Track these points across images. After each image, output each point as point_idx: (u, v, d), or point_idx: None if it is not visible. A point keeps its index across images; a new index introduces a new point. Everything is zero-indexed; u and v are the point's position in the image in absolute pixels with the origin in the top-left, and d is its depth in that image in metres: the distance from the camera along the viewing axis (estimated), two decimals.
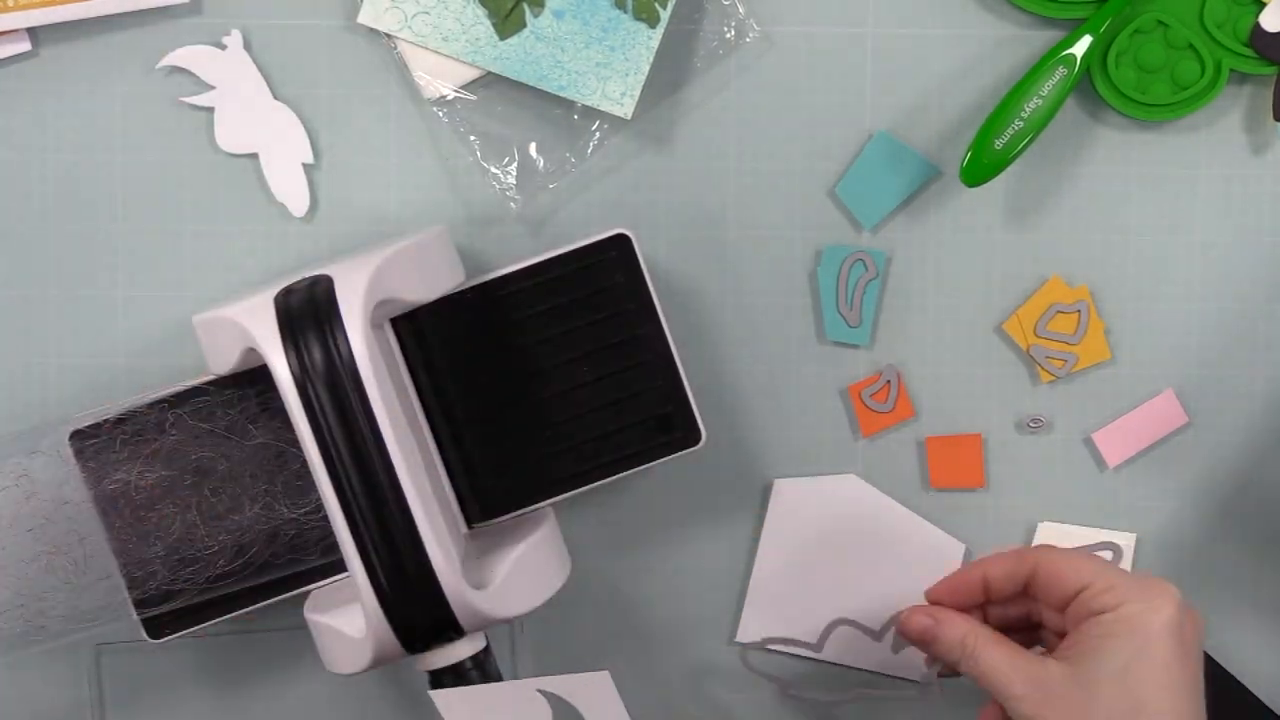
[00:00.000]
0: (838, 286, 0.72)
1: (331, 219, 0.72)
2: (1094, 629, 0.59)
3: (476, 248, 0.72)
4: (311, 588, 0.67)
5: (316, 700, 0.74)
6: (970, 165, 0.69)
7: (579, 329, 0.66)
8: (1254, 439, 0.74)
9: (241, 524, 0.67)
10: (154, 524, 0.66)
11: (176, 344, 0.72)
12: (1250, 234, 0.73)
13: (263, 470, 0.67)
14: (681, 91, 0.72)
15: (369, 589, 0.59)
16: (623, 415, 0.66)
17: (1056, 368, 0.73)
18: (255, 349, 0.60)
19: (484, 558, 0.63)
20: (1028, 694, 0.59)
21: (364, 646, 0.61)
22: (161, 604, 0.67)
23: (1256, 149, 0.73)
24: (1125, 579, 0.61)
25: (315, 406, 0.58)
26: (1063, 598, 0.61)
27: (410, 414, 0.64)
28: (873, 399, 0.73)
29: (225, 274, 0.72)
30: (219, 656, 0.74)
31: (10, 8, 0.69)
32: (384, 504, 0.59)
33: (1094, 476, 0.74)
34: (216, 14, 0.70)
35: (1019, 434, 0.74)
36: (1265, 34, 0.69)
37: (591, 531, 0.74)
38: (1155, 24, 0.70)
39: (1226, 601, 0.75)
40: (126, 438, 0.66)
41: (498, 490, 0.67)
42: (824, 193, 0.72)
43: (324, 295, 0.59)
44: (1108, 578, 0.60)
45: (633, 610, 0.75)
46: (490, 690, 0.61)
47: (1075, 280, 0.73)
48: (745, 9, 0.71)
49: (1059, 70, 0.68)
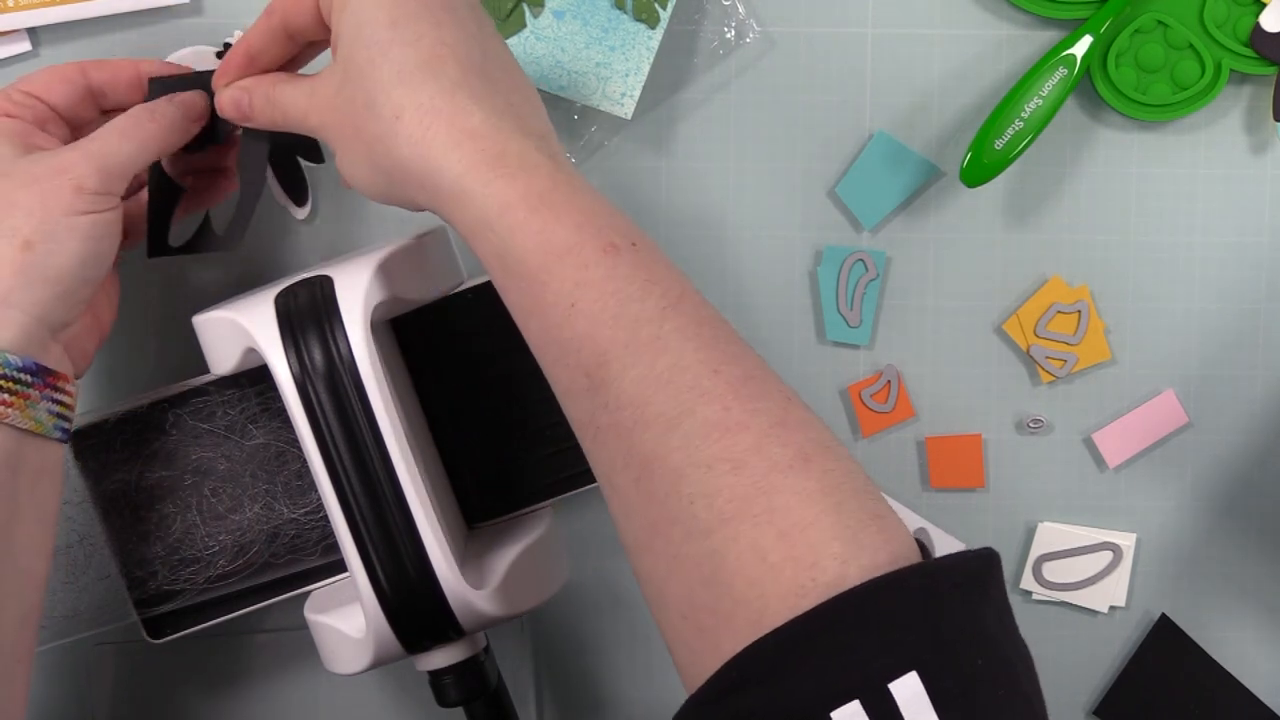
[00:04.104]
0: (838, 286, 0.72)
1: (331, 219, 0.72)
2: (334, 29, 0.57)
3: None
4: (311, 588, 0.67)
5: (316, 700, 0.74)
6: (970, 165, 0.69)
7: None
8: (1254, 439, 0.74)
9: (241, 524, 0.67)
10: (154, 524, 0.66)
11: (176, 344, 0.72)
12: (1250, 234, 0.73)
13: (263, 470, 0.67)
14: (681, 91, 0.72)
15: (369, 589, 0.59)
16: None
17: (1056, 368, 0.73)
18: (255, 349, 0.60)
19: (484, 558, 0.63)
20: (309, 104, 0.58)
21: (364, 646, 0.61)
22: (161, 604, 0.67)
23: (1256, 149, 0.73)
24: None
25: (315, 406, 0.58)
26: (314, 18, 0.59)
27: (410, 414, 0.64)
28: (873, 399, 0.73)
29: (225, 274, 0.72)
30: (219, 656, 0.74)
31: (10, 8, 0.69)
32: (384, 504, 0.59)
33: (1094, 476, 0.74)
34: (217, 14, 0.70)
35: (1019, 434, 0.74)
36: (1265, 34, 0.69)
37: (591, 531, 0.74)
38: (1155, 24, 0.70)
39: (1226, 601, 0.75)
40: (126, 438, 0.66)
41: (498, 490, 0.67)
42: (824, 193, 0.72)
43: (324, 295, 0.59)
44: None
45: (633, 610, 0.75)
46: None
47: (1075, 280, 0.73)
48: (745, 9, 0.71)
49: (1059, 70, 0.68)
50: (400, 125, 0.53)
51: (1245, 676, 0.74)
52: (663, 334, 0.50)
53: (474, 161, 0.52)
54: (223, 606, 0.67)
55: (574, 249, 0.51)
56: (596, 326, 0.50)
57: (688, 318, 0.51)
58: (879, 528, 0.47)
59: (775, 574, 0.46)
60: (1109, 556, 0.74)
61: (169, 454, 0.67)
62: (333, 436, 0.58)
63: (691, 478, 0.48)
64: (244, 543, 0.67)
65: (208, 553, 0.67)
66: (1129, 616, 0.75)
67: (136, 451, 0.66)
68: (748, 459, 0.48)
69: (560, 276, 0.51)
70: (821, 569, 0.46)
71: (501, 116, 0.54)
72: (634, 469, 0.50)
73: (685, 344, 0.50)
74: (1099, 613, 0.75)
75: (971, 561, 0.48)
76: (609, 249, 0.51)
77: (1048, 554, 0.74)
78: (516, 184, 0.52)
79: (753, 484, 0.47)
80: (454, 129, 0.53)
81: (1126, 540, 0.74)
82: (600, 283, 0.51)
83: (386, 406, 0.59)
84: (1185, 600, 0.75)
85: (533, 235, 0.52)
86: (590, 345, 0.51)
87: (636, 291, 0.51)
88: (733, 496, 0.47)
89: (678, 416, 0.49)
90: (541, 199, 0.52)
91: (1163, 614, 0.75)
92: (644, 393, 0.49)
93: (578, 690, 0.75)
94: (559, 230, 0.51)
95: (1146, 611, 0.75)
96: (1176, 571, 0.75)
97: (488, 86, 0.54)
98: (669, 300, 0.51)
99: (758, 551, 0.47)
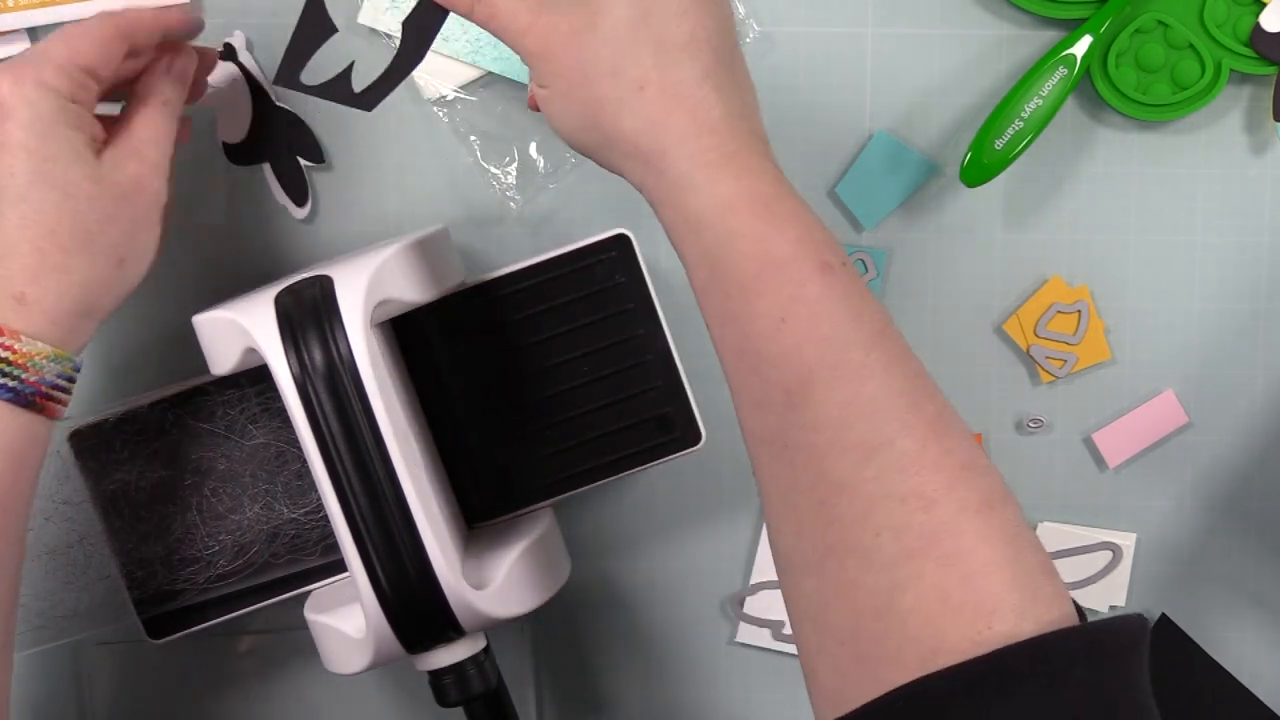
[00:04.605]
0: None
1: (331, 219, 0.72)
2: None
3: (476, 248, 0.72)
4: (311, 588, 0.67)
5: (316, 700, 0.74)
6: (970, 165, 0.69)
7: (579, 329, 0.66)
8: (1254, 439, 0.74)
9: (241, 524, 0.67)
10: (154, 524, 0.66)
11: (176, 344, 0.72)
12: (1250, 234, 0.73)
13: (263, 470, 0.67)
14: None
15: (369, 589, 0.59)
16: (623, 415, 0.66)
17: (1056, 368, 0.73)
18: (255, 349, 0.60)
19: (484, 558, 0.63)
20: (531, 24, 0.54)
21: (364, 646, 0.61)
22: (161, 604, 0.67)
23: (1256, 149, 0.73)
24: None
25: (315, 406, 0.58)
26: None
27: (410, 414, 0.64)
28: None
29: (225, 274, 0.72)
30: (219, 656, 0.74)
31: (10, 8, 0.69)
32: (384, 504, 0.59)
33: (1094, 476, 0.74)
34: (217, 14, 0.70)
35: (1019, 434, 0.74)
36: (1265, 34, 0.69)
37: (591, 531, 0.74)
38: (1155, 24, 0.70)
39: (1226, 601, 0.75)
40: (126, 438, 0.66)
41: (498, 490, 0.67)
42: (824, 193, 0.72)
43: (324, 295, 0.59)
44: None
45: (633, 610, 0.75)
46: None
47: (1075, 280, 0.73)
48: (745, 9, 0.71)
49: (1059, 70, 0.68)
50: (642, 99, 0.52)
51: (1245, 677, 0.74)
52: (870, 361, 0.49)
53: (708, 157, 0.52)
54: (223, 606, 0.67)
55: (792, 262, 0.50)
56: (805, 344, 0.50)
57: (892, 348, 0.50)
58: (1050, 583, 0.48)
59: (954, 616, 0.46)
60: (1109, 556, 0.74)
61: (169, 454, 0.67)
62: (333, 436, 0.58)
63: (883, 509, 0.48)
64: (244, 543, 0.67)
65: (208, 553, 0.67)
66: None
67: (136, 451, 0.66)
68: (939, 497, 0.48)
69: (775, 289, 0.50)
70: (1000, 617, 0.46)
71: (738, 114, 0.53)
72: (820, 491, 0.49)
73: (890, 374, 0.49)
74: (1099, 613, 0.75)
75: (1132, 628, 0.48)
76: (825, 267, 0.50)
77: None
78: (742, 186, 0.51)
79: (941, 524, 0.47)
80: (696, 119, 0.52)
81: (1126, 540, 0.74)
82: (815, 301, 0.50)
83: (386, 406, 0.59)
84: (1185, 600, 0.75)
85: (753, 242, 0.51)
86: (796, 363, 0.50)
87: (847, 315, 0.50)
88: (921, 534, 0.47)
89: (877, 446, 0.48)
90: (766, 205, 0.51)
91: (1163, 614, 0.75)
92: (846, 418, 0.49)
93: (578, 690, 0.75)
94: (779, 241, 0.50)
95: (1146, 611, 0.75)
96: (1176, 571, 0.75)
97: (730, 80, 0.53)
98: (876, 327, 0.50)
99: (940, 592, 0.47)
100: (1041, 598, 0.47)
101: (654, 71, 0.52)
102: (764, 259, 0.50)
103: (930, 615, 0.47)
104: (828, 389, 0.49)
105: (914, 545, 0.47)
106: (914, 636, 0.47)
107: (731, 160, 0.52)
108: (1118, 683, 0.46)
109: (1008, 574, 0.47)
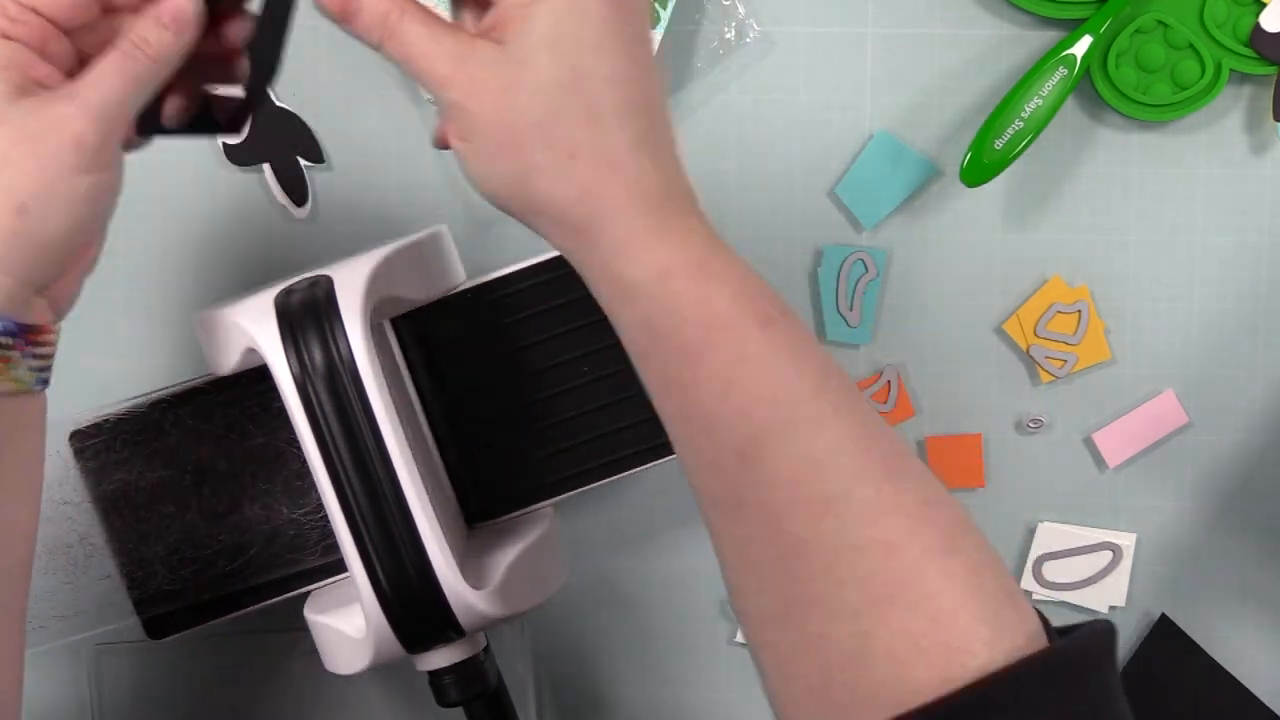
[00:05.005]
0: (838, 286, 0.72)
1: (331, 219, 0.72)
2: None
3: (476, 248, 0.72)
4: (311, 588, 0.67)
5: (316, 700, 0.74)
6: (970, 165, 0.69)
7: (579, 329, 0.66)
8: (1254, 439, 0.74)
9: (241, 524, 0.67)
10: (154, 524, 0.66)
11: (176, 344, 0.72)
12: (1250, 234, 0.73)
13: (263, 470, 0.67)
14: (681, 92, 0.72)
15: (369, 589, 0.59)
16: (622, 416, 0.66)
17: (1056, 368, 0.73)
18: (255, 349, 0.60)
19: (484, 558, 0.63)
20: (453, 75, 0.50)
21: (364, 646, 0.61)
22: (161, 604, 0.67)
23: (1256, 149, 0.73)
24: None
25: (315, 406, 0.58)
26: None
27: (410, 414, 0.64)
28: (872, 399, 0.73)
29: (225, 274, 0.72)
30: (219, 656, 0.74)
31: None
32: (384, 504, 0.59)
33: (1094, 476, 0.74)
34: None
35: (1019, 434, 0.74)
36: (1265, 34, 0.69)
37: (591, 531, 0.74)
38: (1155, 24, 0.70)
39: (1226, 601, 0.75)
40: (126, 438, 0.66)
41: (498, 490, 0.67)
42: (824, 193, 0.72)
43: (324, 295, 0.59)
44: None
45: (633, 610, 0.75)
46: None
47: (1075, 280, 0.73)
48: (745, 9, 0.71)
49: (1059, 70, 0.68)
50: (574, 167, 0.49)
51: (1245, 676, 0.74)
52: (819, 411, 0.48)
53: (644, 223, 0.49)
54: (223, 606, 0.67)
55: (732, 322, 0.49)
56: (754, 406, 0.48)
57: (836, 392, 0.49)
58: (1013, 606, 0.48)
59: (925, 658, 0.46)
60: (1109, 556, 0.74)
61: (169, 454, 0.66)
62: (333, 436, 0.58)
63: (845, 560, 0.47)
64: (244, 543, 0.67)
65: (208, 553, 0.67)
66: (1129, 616, 0.75)
67: (136, 451, 0.66)
68: (901, 542, 0.47)
69: (718, 352, 0.49)
70: (972, 654, 0.46)
71: (672, 177, 0.51)
72: (779, 547, 0.48)
73: (839, 420, 0.49)
74: (1099, 613, 0.75)
75: (1100, 638, 0.48)
76: (765, 321, 0.49)
77: (1048, 554, 0.74)
78: (678, 251, 0.49)
79: (905, 568, 0.47)
80: (630, 189, 0.49)
81: (1126, 540, 0.74)
82: (759, 359, 0.49)
83: (386, 406, 0.58)
84: (1185, 600, 0.75)
85: (691, 305, 0.49)
86: (745, 424, 0.49)
87: (793, 367, 0.49)
88: (886, 581, 0.47)
89: (832, 498, 0.48)
90: (700, 266, 0.49)
91: (1163, 614, 0.75)
92: (800, 474, 0.48)
93: (578, 690, 0.75)
94: (718, 301, 0.49)
95: (1146, 611, 0.75)
96: (1176, 571, 0.75)
97: (662, 140, 0.51)
98: (820, 374, 0.49)
99: (910, 637, 0.47)
100: (1009, 625, 0.47)
101: (586, 139, 0.49)
102: (704, 322, 0.49)
103: (901, 660, 0.47)
104: (779, 446, 0.48)
105: (879, 592, 0.47)
106: (886, 681, 0.47)
107: (667, 227, 0.50)
108: (1089, 700, 0.47)
109: (974, 609, 0.47)
